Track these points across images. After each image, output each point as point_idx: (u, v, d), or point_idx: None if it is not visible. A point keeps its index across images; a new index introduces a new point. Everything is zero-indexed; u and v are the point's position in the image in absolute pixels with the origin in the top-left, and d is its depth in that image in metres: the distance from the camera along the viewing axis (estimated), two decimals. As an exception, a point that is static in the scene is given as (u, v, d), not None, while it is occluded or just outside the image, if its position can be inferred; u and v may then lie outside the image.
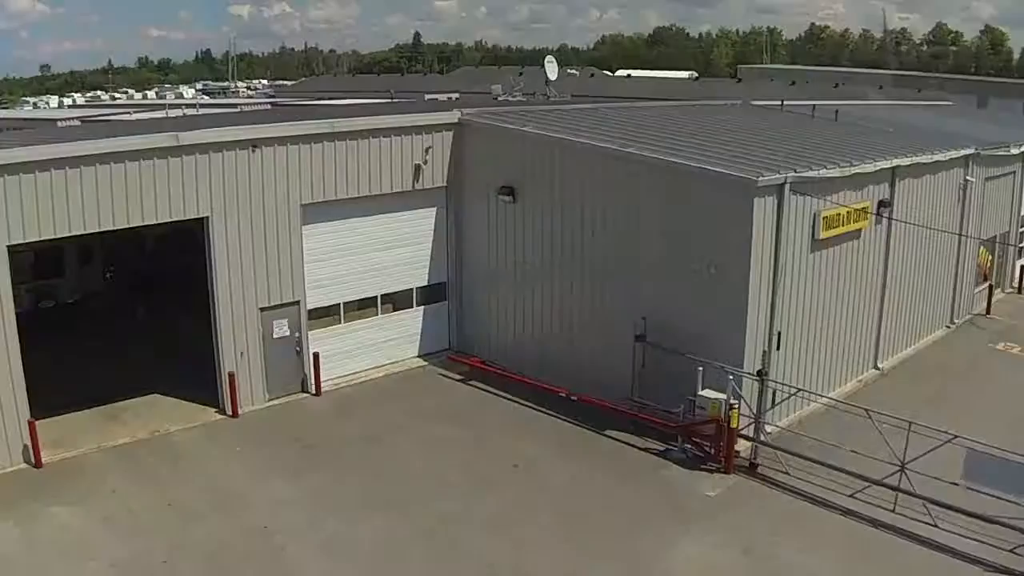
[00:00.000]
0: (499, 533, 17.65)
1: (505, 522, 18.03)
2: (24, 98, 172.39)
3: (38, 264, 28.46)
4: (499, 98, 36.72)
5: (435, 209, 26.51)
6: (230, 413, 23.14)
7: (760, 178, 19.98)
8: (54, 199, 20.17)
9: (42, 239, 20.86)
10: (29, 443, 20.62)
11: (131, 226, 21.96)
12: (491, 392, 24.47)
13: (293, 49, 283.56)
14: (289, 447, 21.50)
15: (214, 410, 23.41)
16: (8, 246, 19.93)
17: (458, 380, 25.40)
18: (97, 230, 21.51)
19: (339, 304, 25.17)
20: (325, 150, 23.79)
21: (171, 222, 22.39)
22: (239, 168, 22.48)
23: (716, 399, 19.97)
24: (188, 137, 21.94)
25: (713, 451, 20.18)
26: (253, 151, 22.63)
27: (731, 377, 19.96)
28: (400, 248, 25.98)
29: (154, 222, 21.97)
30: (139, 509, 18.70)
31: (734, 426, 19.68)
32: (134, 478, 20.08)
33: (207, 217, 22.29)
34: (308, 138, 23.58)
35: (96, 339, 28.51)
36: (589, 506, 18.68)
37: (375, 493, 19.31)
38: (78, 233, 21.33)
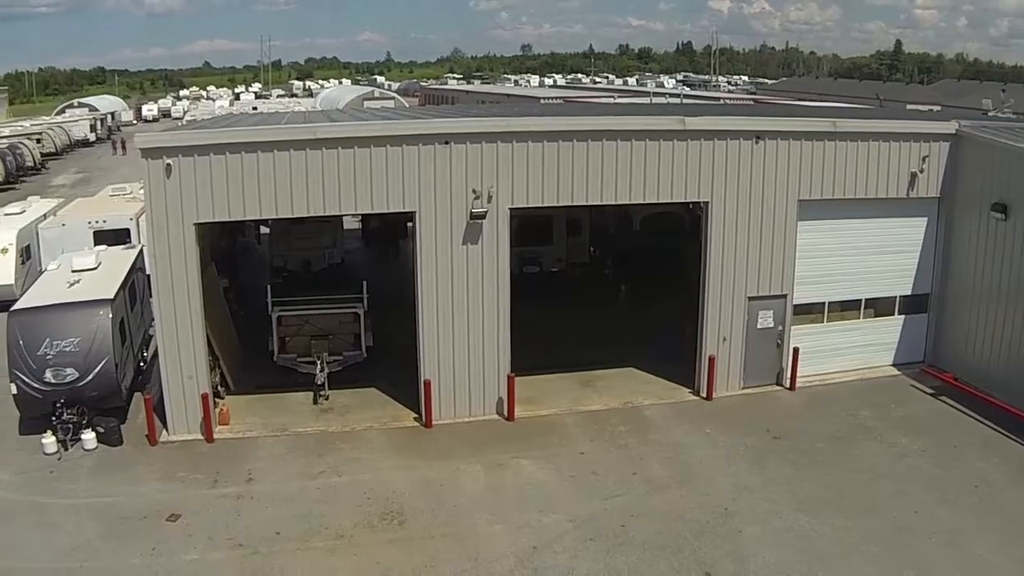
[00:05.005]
0: (950, 549, 17.01)
1: (957, 540, 17.33)
2: (504, 75, 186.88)
3: (527, 231, 30.35)
4: (989, 113, 34.41)
5: (925, 219, 25.38)
6: (705, 395, 23.74)
7: None
8: (559, 169, 21.73)
9: (543, 205, 22.55)
10: (505, 397, 22.49)
11: (632, 203, 23.25)
12: (960, 410, 23.28)
13: (773, 48, 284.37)
14: (758, 436, 21.67)
15: (688, 390, 24.11)
16: (510, 208, 21.73)
17: (929, 394, 24.36)
18: (599, 203, 23.04)
19: (823, 303, 24.93)
20: (825, 148, 23.51)
21: (656, 204, 23.13)
22: (741, 157, 22.83)
23: None
24: (694, 122, 22.66)
25: None
26: (757, 142, 22.85)
27: None
28: (887, 254, 25.17)
29: (655, 201, 22.97)
30: (604, 473, 19.77)
31: None
32: (602, 444, 21.28)
33: (707, 202, 22.92)
34: (810, 135, 23.44)
35: (577, 308, 30.25)
36: (1040, 536, 17.55)
37: (836, 492, 19.07)
38: (579, 203, 22.96)
